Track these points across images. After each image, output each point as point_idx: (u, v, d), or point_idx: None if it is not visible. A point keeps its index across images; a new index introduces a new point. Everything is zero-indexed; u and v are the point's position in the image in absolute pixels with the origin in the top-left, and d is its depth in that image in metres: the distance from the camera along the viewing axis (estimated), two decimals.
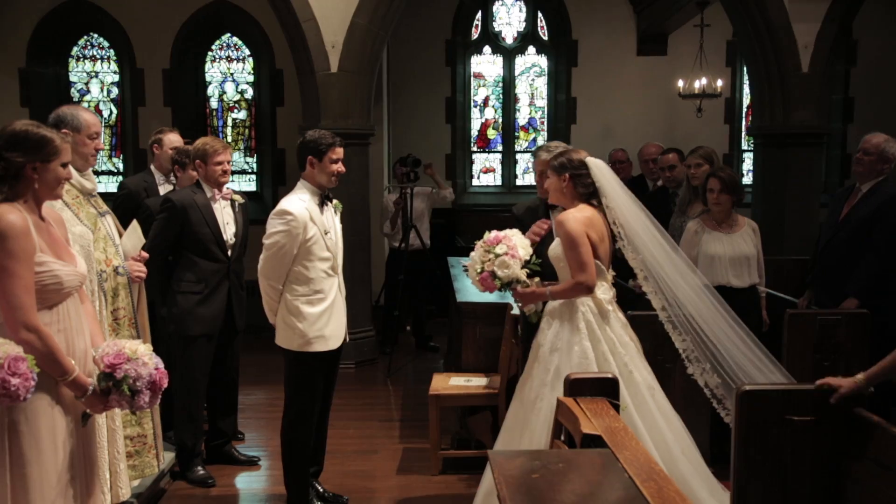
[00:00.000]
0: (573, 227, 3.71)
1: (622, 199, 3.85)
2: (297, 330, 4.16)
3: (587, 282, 3.71)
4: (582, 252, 3.70)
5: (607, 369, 3.62)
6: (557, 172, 3.89)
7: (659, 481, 2.40)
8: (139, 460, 4.17)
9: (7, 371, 2.37)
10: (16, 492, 2.62)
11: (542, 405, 3.64)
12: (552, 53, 10.92)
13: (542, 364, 3.72)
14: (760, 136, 8.20)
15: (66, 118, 3.83)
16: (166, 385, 2.88)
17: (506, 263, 3.77)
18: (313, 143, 4.21)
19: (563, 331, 3.74)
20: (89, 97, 9.98)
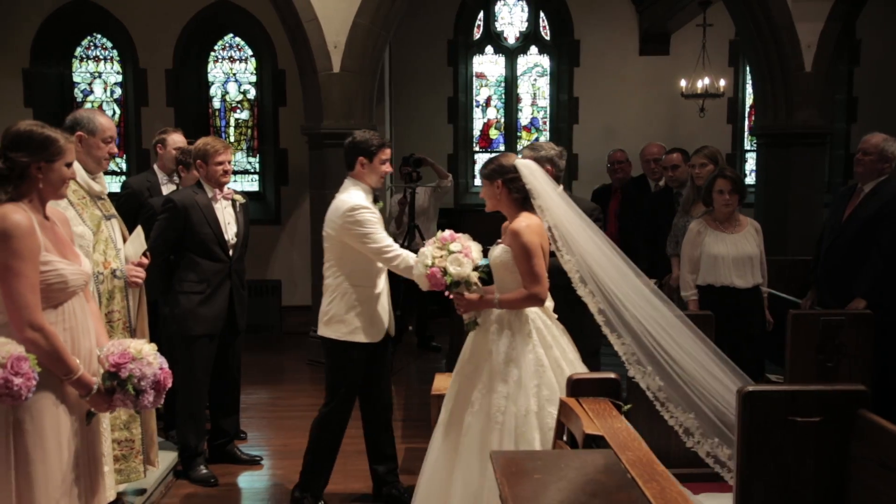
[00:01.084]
0: (530, 238, 3.63)
1: (555, 201, 3.74)
2: (347, 320, 4.19)
3: (540, 294, 3.65)
4: (536, 264, 3.63)
5: (561, 375, 3.58)
6: (489, 180, 3.78)
7: (661, 482, 2.40)
8: (125, 465, 4.11)
9: (10, 371, 2.37)
10: (21, 491, 2.62)
11: (503, 418, 3.56)
12: (554, 53, 10.91)
13: (500, 376, 3.62)
14: (763, 136, 8.19)
15: (82, 121, 3.86)
16: (170, 385, 2.88)
17: (459, 261, 3.68)
18: (364, 143, 4.27)
19: (515, 340, 3.65)
20: (92, 97, 9.98)
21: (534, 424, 3.53)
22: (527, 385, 3.57)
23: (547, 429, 3.53)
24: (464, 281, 3.68)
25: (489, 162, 3.84)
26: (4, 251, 2.59)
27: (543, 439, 3.52)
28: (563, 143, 10.79)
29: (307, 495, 4.39)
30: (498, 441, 3.54)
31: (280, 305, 9.28)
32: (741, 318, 4.97)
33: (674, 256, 5.61)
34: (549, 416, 3.54)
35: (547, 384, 3.59)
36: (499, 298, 3.69)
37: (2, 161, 2.68)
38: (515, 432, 3.52)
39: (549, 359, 3.64)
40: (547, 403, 3.55)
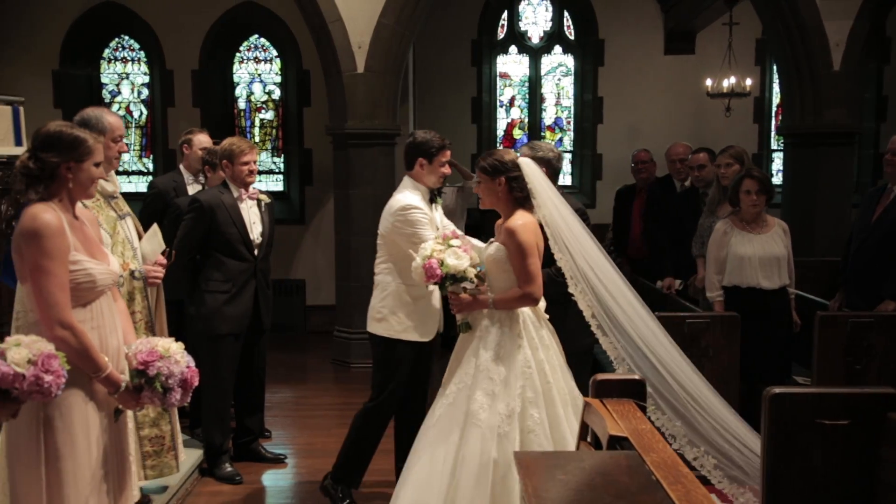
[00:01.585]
0: (526, 237, 3.60)
1: (554, 201, 3.73)
2: (398, 318, 4.22)
3: (535, 293, 3.63)
4: (531, 263, 3.60)
5: (544, 379, 3.57)
6: (491, 176, 3.71)
7: (687, 484, 2.38)
8: (158, 461, 4.19)
9: (41, 368, 2.41)
10: (51, 486, 2.66)
11: (486, 416, 3.52)
12: (578, 53, 10.87)
13: (486, 374, 3.58)
14: (790, 136, 8.10)
15: (90, 120, 3.81)
16: (197, 383, 2.90)
17: (458, 254, 3.64)
18: (424, 144, 4.28)
19: (504, 339, 3.62)
20: (120, 98, 10.10)
21: (515, 425, 3.50)
22: (513, 385, 3.55)
23: (527, 431, 3.50)
24: (460, 276, 3.63)
25: (488, 156, 3.76)
26: (35, 250, 2.62)
27: (523, 441, 3.49)
28: (587, 142, 10.80)
29: (339, 487, 4.41)
30: (477, 440, 3.48)
31: (304, 305, 9.33)
32: (768, 320, 4.92)
33: (699, 257, 5.57)
34: (529, 418, 3.51)
35: (532, 386, 3.56)
36: (493, 299, 3.66)
37: (32, 161, 2.72)
38: (498, 431, 3.49)
39: (536, 360, 3.61)
40: (529, 405, 3.53)
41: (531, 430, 3.50)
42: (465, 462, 3.49)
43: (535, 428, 3.51)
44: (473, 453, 3.48)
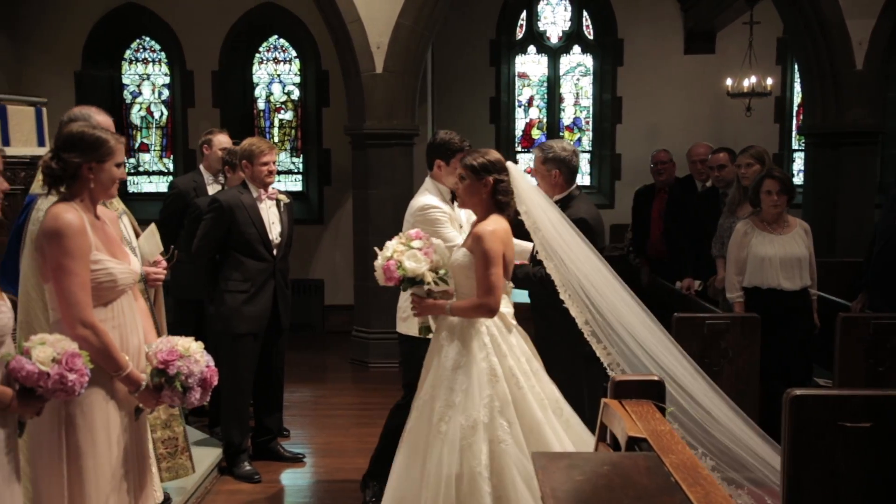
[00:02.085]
0: (493, 246, 3.47)
1: (542, 206, 3.64)
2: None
3: (492, 305, 3.49)
4: (494, 274, 3.47)
5: (516, 386, 3.46)
6: (478, 175, 3.55)
7: (706, 486, 2.36)
8: (173, 462, 4.20)
9: (65, 367, 2.43)
10: (72, 483, 2.69)
11: (447, 428, 3.41)
12: (597, 53, 10.83)
13: (447, 384, 3.47)
14: (812, 136, 8.04)
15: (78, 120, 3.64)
16: (216, 383, 2.91)
17: (416, 257, 3.52)
18: (443, 146, 4.27)
19: (466, 347, 3.50)
20: (141, 99, 10.18)
21: (482, 436, 3.36)
22: (476, 395, 3.41)
23: (497, 441, 3.37)
24: (418, 279, 3.53)
25: (477, 156, 3.61)
26: (57, 250, 2.65)
27: (493, 452, 3.37)
28: (605, 142, 10.76)
29: (374, 482, 4.41)
30: (438, 452, 3.38)
31: (323, 304, 9.37)
32: (789, 321, 4.88)
33: (719, 258, 5.54)
34: (500, 427, 3.38)
35: (499, 395, 3.43)
36: (450, 306, 3.55)
37: (55, 162, 2.75)
38: (461, 444, 3.36)
39: (503, 368, 3.48)
40: (498, 415, 3.40)
41: (501, 441, 3.37)
42: (430, 476, 3.39)
43: (506, 438, 3.38)
44: (437, 467, 3.37)
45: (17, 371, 2.39)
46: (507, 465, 3.34)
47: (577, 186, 4.32)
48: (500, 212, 3.59)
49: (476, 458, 3.33)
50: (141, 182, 10.27)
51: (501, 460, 3.35)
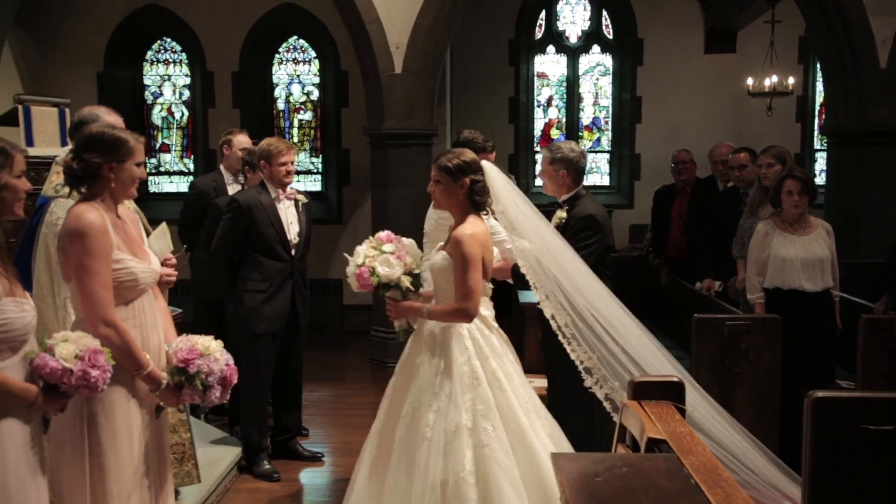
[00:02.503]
0: (472, 249, 3.41)
1: (519, 205, 3.60)
2: None
3: (470, 310, 3.43)
4: (473, 278, 3.41)
5: (499, 388, 3.41)
6: (454, 177, 3.50)
7: (727, 488, 2.35)
8: (179, 469, 4.16)
9: (88, 363, 2.45)
10: (94, 480, 2.72)
11: (432, 434, 3.35)
12: (617, 52, 10.79)
13: (430, 389, 3.42)
14: (834, 135, 7.95)
15: (87, 120, 3.66)
16: (236, 381, 2.92)
17: (389, 262, 3.48)
18: (467, 144, 4.31)
19: (448, 351, 3.45)
20: (162, 99, 10.26)
21: (465, 441, 3.31)
22: (459, 399, 3.37)
23: (481, 445, 3.32)
24: (393, 284, 3.48)
25: (452, 157, 3.56)
26: (79, 249, 2.68)
27: (477, 457, 3.31)
28: (625, 142, 10.71)
29: None
30: (425, 458, 3.32)
31: (341, 304, 9.39)
32: (810, 323, 4.84)
33: (740, 258, 5.49)
34: (483, 432, 3.33)
35: (482, 398, 3.38)
36: (427, 310, 3.50)
37: (76, 162, 2.77)
38: (445, 449, 3.31)
39: (486, 371, 3.43)
40: (482, 419, 3.35)
41: (486, 445, 3.31)
42: (415, 484, 3.33)
43: (490, 442, 3.32)
44: (422, 474, 3.32)
45: (41, 368, 2.41)
46: (493, 469, 3.28)
47: (584, 186, 4.34)
48: (478, 211, 3.55)
49: (460, 464, 3.28)
50: (162, 182, 10.35)
51: (486, 465, 3.29)
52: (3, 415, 2.39)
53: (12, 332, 2.40)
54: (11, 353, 2.42)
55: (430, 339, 3.52)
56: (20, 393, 2.40)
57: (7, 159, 2.44)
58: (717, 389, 4.61)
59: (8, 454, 2.38)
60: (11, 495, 2.38)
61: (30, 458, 2.46)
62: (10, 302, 2.39)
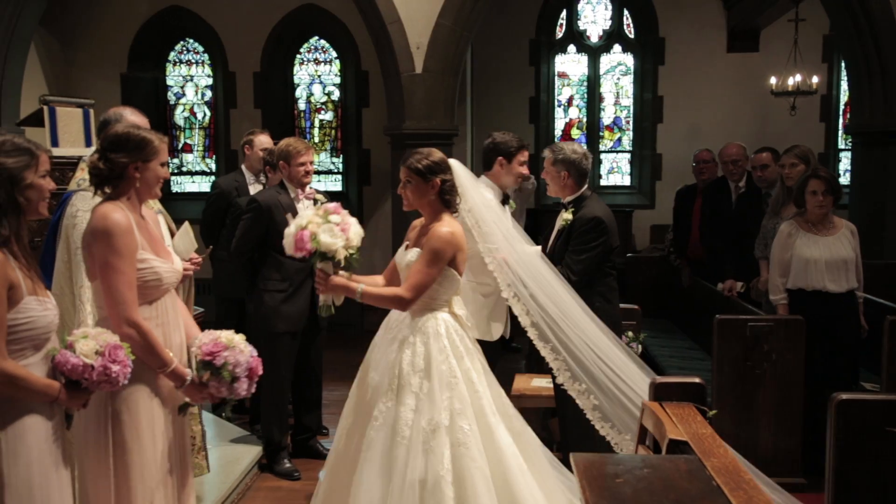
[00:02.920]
0: (443, 247, 3.41)
1: (486, 202, 3.59)
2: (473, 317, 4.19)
3: (409, 301, 3.42)
4: (429, 273, 3.39)
5: (471, 388, 3.39)
6: (424, 177, 3.50)
7: (749, 490, 2.33)
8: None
9: (108, 358, 2.48)
10: (118, 477, 2.74)
11: (410, 433, 3.30)
12: (638, 51, 10.74)
13: (408, 388, 3.37)
14: (859, 135, 7.86)
15: (111, 120, 3.75)
16: (261, 372, 2.93)
17: (333, 231, 3.34)
18: (504, 145, 4.34)
19: (428, 349, 3.41)
20: (184, 100, 10.34)
21: (444, 440, 3.28)
22: (437, 397, 3.34)
23: (458, 444, 3.29)
24: (331, 255, 3.35)
25: (421, 157, 3.56)
26: (105, 248, 2.70)
27: (454, 456, 3.28)
28: (646, 142, 10.66)
29: None
30: (404, 457, 3.28)
31: (361, 304, 9.37)
32: (834, 324, 4.79)
33: (762, 259, 5.45)
34: (459, 430, 3.30)
35: (459, 397, 3.36)
36: (362, 290, 3.47)
37: (102, 162, 2.80)
38: (423, 447, 3.27)
39: (462, 369, 3.42)
40: (458, 417, 3.32)
41: (462, 443, 3.29)
42: (393, 483, 3.29)
43: (467, 440, 3.30)
44: (399, 473, 3.28)
45: (62, 365, 2.45)
46: (468, 468, 3.27)
47: (589, 187, 4.35)
48: (449, 209, 3.54)
49: (440, 462, 3.25)
50: (184, 182, 10.43)
51: (462, 463, 3.27)
52: (27, 411, 2.42)
53: (35, 330, 2.43)
54: (35, 351, 2.46)
55: (405, 338, 3.48)
56: (43, 389, 2.44)
57: (33, 159, 2.47)
58: (738, 391, 4.59)
59: (32, 449, 2.41)
60: (35, 488, 2.42)
61: (53, 451, 2.49)
62: (34, 300, 2.42)
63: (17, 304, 2.38)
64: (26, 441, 2.40)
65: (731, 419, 4.46)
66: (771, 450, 4.55)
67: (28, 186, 2.45)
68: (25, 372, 2.40)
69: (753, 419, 4.58)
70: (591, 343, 3.66)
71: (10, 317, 2.37)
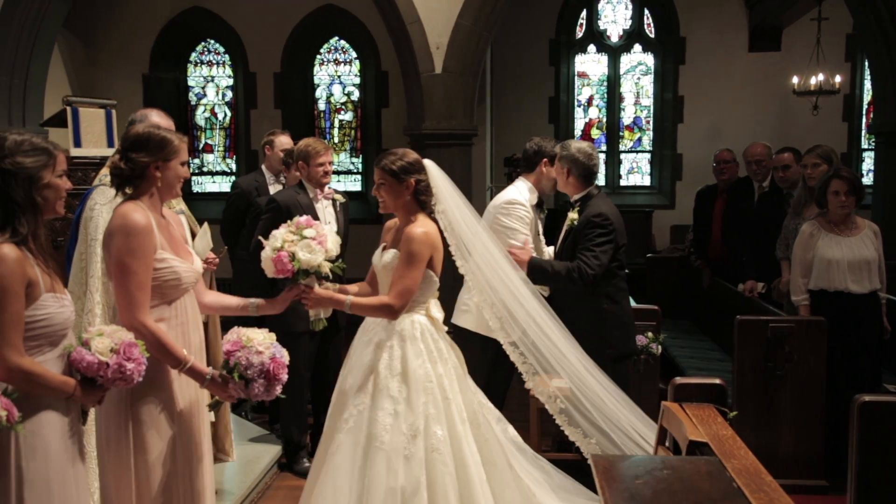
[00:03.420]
0: (420, 248, 3.35)
1: (459, 204, 3.55)
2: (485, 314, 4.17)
3: (398, 308, 3.35)
4: (413, 277, 3.34)
5: (442, 393, 3.34)
6: (399, 178, 3.45)
7: (770, 493, 2.31)
8: None
9: (123, 356, 2.50)
10: (139, 476, 2.76)
11: (389, 438, 3.24)
12: (659, 51, 10.69)
13: (385, 392, 3.31)
14: (883, 134, 7.77)
15: (135, 121, 3.78)
16: (283, 376, 2.84)
17: (310, 247, 3.25)
18: (549, 147, 4.45)
19: (405, 353, 3.36)
20: (205, 100, 10.42)
21: (421, 445, 3.25)
22: (415, 402, 3.30)
23: (432, 449, 3.25)
24: (314, 271, 3.25)
25: (395, 159, 3.52)
26: (121, 248, 2.72)
27: (429, 461, 3.24)
28: (666, 142, 10.61)
29: None
30: (384, 464, 3.22)
31: None
32: (857, 326, 4.74)
33: (784, 259, 5.40)
34: (432, 436, 3.27)
35: (433, 402, 3.32)
36: (350, 301, 3.40)
37: (123, 162, 2.82)
38: (403, 454, 3.23)
39: (435, 374, 3.37)
40: (432, 422, 3.29)
41: (435, 449, 3.25)
42: (371, 489, 3.22)
43: (440, 446, 3.26)
44: (379, 479, 3.22)
45: (78, 362, 2.47)
46: (441, 473, 3.24)
47: (596, 186, 4.34)
48: (424, 210, 3.50)
49: (418, 468, 3.22)
50: (205, 182, 10.51)
51: (435, 469, 3.24)
52: (44, 406, 2.45)
53: (52, 327, 2.46)
54: (51, 348, 2.48)
55: (382, 341, 3.42)
56: (59, 386, 2.46)
57: (50, 159, 2.50)
58: (759, 393, 4.55)
59: (49, 444, 2.44)
60: (52, 482, 2.44)
61: (69, 447, 2.52)
62: (51, 297, 2.45)
63: (35, 301, 2.42)
64: (43, 436, 2.44)
65: (752, 421, 4.43)
66: (793, 452, 4.52)
67: (45, 186, 2.48)
68: (42, 369, 2.43)
69: (775, 421, 4.54)
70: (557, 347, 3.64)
71: (27, 313, 2.40)
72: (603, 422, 3.62)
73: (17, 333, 2.37)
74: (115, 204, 2.87)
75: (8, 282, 2.34)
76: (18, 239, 2.40)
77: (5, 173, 2.41)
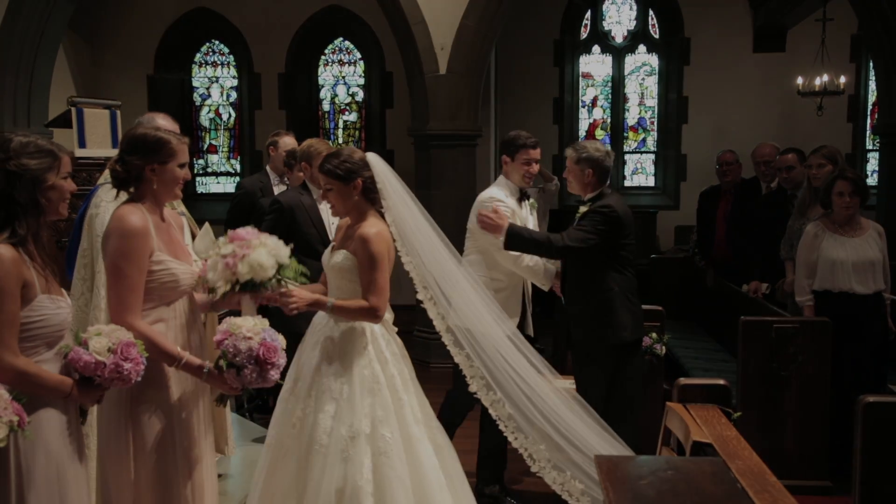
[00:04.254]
0: (379, 248, 3.32)
1: (406, 200, 3.51)
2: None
3: (380, 308, 3.32)
4: (382, 276, 3.32)
5: (394, 395, 3.29)
6: (345, 181, 3.37)
7: (774, 493, 2.31)
8: None
9: (120, 356, 2.50)
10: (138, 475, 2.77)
11: (329, 440, 3.18)
12: (663, 52, 10.68)
13: (328, 393, 3.25)
14: (887, 135, 7.76)
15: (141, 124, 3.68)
16: (278, 360, 2.78)
17: (256, 261, 3.07)
18: (508, 142, 4.45)
19: (348, 353, 3.32)
20: (210, 101, 10.43)
21: (364, 449, 3.17)
22: (358, 404, 3.23)
23: (379, 453, 3.19)
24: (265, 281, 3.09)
25: (339, 161, 3.41)
26: (116, 250, 2.72)
27: (375, 465, 3.17)
28: (671, 143, 10.60)
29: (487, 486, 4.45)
30: (321, 466, 3.16)
31: None
32: (861, 326, 4.73)
33: (788, 260, 5.40)
34: (381, 439, 3.20)
35: (382, 403, 3.25)
36: (332, 304, 3.35)
37: (119, 164, 2.82)
38: (341, 455, 3.16)
39: (386, 375, 3.31)
40: (380, 425, 3.22)
41: (383, 452, 3.19)
42: (310, 492, 3.17)
43: (388, 449, 3.20)
44: (316, 483, 3.16)
45: (75, 362, 2.47)
46: (389, 477, 3.17)
47: (609, 185, 4.33)
48: (374, 206, 3.46)
49: (359, 472, 3.14)
50: (209, 183, 10.53)
51: (383, 473, 3.17)
52: (42, 406, 2.46)
53: (48, 328, 2.47)
54: (48, 349, 2.49)
55: (328, 342, 3.39)
56: (55, 385, 2.47)
57: (55, 161, 2.51)
58: (764, 393, 4.55)
59: (48, 443, 2.45)
60: (52, 482, 2.45)
61: (68, 446, 2.53)
62: (47, 299, 2.46)
63: (31, 302, 2.42)
64: (42, 435, 2.44)
65: (756, 421, 4.43)
66: (797, 452, 4.51)
67: (50, 188, 2.49)
68: (37, 368, 2.43)
69: (779, 421, 4.54)
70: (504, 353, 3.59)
71: (23, 314, 2.40)
72: (549, 427, 3.55)
73: (11, 334, 2.38)
74: (120, 202, 2.88)
75: (3, 282, 2.34)
76: (16, 240, 2.41)
77: (10, 175, 2.42)
